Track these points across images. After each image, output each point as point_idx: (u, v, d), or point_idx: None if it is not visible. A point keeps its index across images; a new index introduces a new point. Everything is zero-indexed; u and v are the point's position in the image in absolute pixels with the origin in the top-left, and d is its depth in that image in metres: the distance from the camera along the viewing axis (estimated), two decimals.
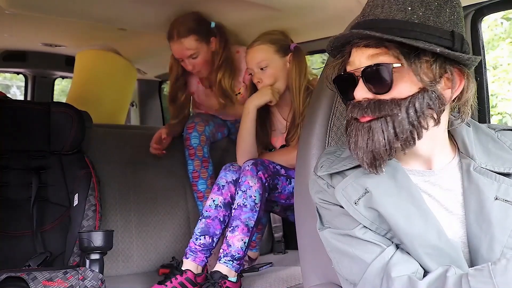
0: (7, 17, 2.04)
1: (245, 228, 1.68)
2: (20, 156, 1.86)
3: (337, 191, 0.86)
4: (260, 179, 1.71)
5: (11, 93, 5.04)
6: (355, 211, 0.83)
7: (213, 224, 1.77)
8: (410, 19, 0.78)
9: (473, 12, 1.52)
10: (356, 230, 0.82)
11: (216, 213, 1.78)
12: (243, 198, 1.70)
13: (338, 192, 0.86)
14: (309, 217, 1.07)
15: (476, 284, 0.67)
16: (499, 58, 4.46)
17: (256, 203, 1.70)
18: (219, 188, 1.81)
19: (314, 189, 0.93)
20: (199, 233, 1.77)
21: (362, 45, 0.81)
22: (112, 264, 1.95)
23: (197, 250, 1.75)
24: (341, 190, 0.85)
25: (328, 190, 0.89)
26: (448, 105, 0.83)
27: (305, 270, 1.17)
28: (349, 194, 0.84)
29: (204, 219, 1.78)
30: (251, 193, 1.70)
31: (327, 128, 1.07)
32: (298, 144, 1.20)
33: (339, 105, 1.07)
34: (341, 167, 0.89)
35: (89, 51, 2.76)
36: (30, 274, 1.36)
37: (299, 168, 1.13)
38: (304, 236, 1.16)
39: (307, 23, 1.96)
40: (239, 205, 1.71)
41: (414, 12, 0.78)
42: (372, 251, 0.80)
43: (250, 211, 1.69)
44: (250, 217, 1.69)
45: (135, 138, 2.27)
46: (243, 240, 1.67)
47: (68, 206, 1.85)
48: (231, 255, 1.66)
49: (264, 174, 1.73)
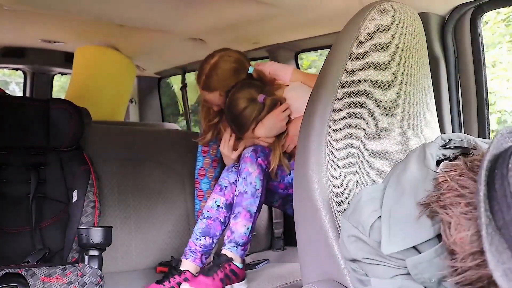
0: (6, 13, 2.03)
1: (247, 214, 1.70)
2: (19, 153, 1.86)
3: (410, 264, 0.72)
4: (259, 165, 1.72)
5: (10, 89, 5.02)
6: (426, 284, 0.72)
7: (214, 225, 1.77)
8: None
9: (472, 9, 1.51)
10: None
11: (217, 214, 1.78)
12: (243, 185, 1.71)
13: (410, 266, 0.72)
14: (308, 214, 1.07)
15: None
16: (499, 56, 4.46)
17: (257, 189, 1.71)
18: (221, 189, 1.81)
19: (361, 250, 0.78)
20: (200, 234, 1.77)
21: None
22: (111, 260, 1.95)
23: (197, 251, 1.76)
24: (416, 264, 0.71)
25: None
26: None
27: (304, 266, 1.17)
28: (426, 272, 0.71)
29: (205, 219, 1.78)
30: (251, 179, 1.71)
31: (326, 124, 1.07)
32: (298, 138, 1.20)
33: (338, 102, 1.08)
34: (413, 239, 0.72)
35: (88, 48, 2.76)
36: (29, 271, 1.36)
37: (298, 164, 1.13)
38: (303, 232, 1.16)
39: (307, 20, 1.95)
40: (240, 192, 1.72)
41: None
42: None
43: (251, 197, 1.70)
44: (251, 203, 1.70)
45: (134, 135, 2.27)
46: (246, 226, 1.69)
47: (67, 203, 1.85)
48: (235, 241, 1.68)
49: (263, 161, 1.74)
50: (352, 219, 0.79)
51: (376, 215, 0.75)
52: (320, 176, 1.04)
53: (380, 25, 1.07)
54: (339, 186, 1.05)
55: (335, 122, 1.07)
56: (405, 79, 1.14)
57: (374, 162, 1.11)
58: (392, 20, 1.09)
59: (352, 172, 1.08)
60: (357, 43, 1.05)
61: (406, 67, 1.14)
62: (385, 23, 1.08)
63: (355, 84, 1.07)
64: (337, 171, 1.06)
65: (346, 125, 1.07)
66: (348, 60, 1.06)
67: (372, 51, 1.07)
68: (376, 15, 1.07)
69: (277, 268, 1.86)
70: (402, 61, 1.13)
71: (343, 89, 1.06)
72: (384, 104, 1.12)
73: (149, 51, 2.79)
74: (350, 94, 1.07)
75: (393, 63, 1.11)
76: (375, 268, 0.77)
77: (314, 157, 1.05)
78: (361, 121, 1.09)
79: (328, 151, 1.05)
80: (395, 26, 1.10)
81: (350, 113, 1.07)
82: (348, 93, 1.07)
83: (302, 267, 1.18)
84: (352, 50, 1.05)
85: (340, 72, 1.06)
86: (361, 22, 1.06)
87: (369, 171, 1.10)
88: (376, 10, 1.07)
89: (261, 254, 2.13)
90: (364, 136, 1.10)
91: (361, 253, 0.77)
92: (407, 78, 1.14)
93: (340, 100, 1.07)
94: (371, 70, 1.08)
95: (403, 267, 0.74)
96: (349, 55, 1.06)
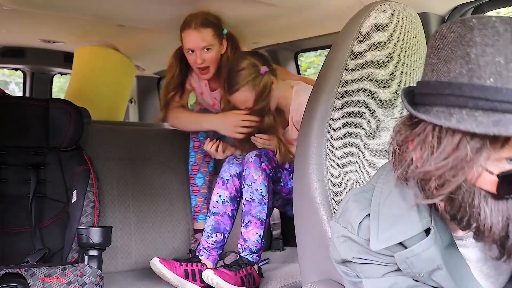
0: (6, 13, 2.03)
1: (258, 222, 1.70)
2: (18, 153, 1.85)
3: (398, 259, 0.73)
4: (264, 171, 1.71)
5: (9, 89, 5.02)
6: (417, 278, 0.73)
7: (223, 220, 1.78)
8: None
9: (472, 9, 1.52)
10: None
11: (224, 208, 1.79)
12: (249, 192, 1.71)
13: (399, 261, 0.73)
14: (308, 214, 1.07)
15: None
16: None
17: (263, 195, 1.71)
18: (223, 183, 1.81)
19: (351, 249, 0.78)
20: (210, 231, 1.77)
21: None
22: (111, 260, 1.95)
23: (210, 248, 1.77)
24: (404, 259, 0.72)
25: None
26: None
27: (304, 267, 1.17)
28: (415, 266, 0.72)
29: (213, 216, 1.79)
30: (256, 186, 1.70)
31: (326, 124, 1.07)
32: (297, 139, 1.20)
33: (338, 101, 1.08)
34: (399, 235, 0.72)
35: (87, 48, 2.75)
36: (28, 270, 1.36)
37: (298, 164, 1.13)
38: (303, 233, 1.16)
39: (307, 20, 1.95)
40: (247, 200, 1.72)
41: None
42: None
43: (259, 204, 1.70)
44: (260, 210, 1.71)
45: (133, 135, 2.27)
46: (258, 233, 1.70)
47: (66, 203, 1.85)
48: (249, 249, 1.70)
49: (267, 165, 1.73)
50: (341, 220, 0.79)
51: (364, 213, 0.76)
52: (320, 176, 1.04)
53: (380, 25, 1.07)
54: (338, 186, 1.05)
55: (334, 122, 1.07)
56: (405, 79, 1.14)
57: (374, 162, 1.11)
58: (392, 20, 1.09)
59: (352, 172, 1.08)
60: (357, 43, 1.05)
61: (406, 67, 1.14)
62: (385, 23, 1.08)
63: (355, 84, 1.07)
64: (337, 171, 1.06)
65: (346, 125, 1.07)
66: (348, 60, 1.06)
67: (372, 51, 1.07)
68: (376, 15, 1.07)
69: (277, 268, 1.86)
70: (402, 61, 1.13)
71: (343, 89, 1.06)
72: (384, 104, 1.12)
73: (149, 51, 2.78)
74: (350, 94, 1.07)
75: (393, 63, 1.11)
76: (365, 267, 0.77)
77: (314, 157, 1.05)
78: (360, 121, 1.09)
79: (327, 151, 1.05)
80: (395, 26, 1.10)
81: (350, 113, 1.07)
82: (348, 93, 1.07)
83: (302, 267, 1.18)
84: (352, 50, 1.05)
85: (340, 72, 1.06)
86: (361, 22, 1.06)
87: (368, 171, 1.10)
88: (376, 10, 1.07)
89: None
90: (363, 136, 1.10)
91: (351, 252, 0.77)
92: (407, 78, 1.14)
93: (339, 100, 1.07)
94: (371, 70, 1.08)
95: (393, 263, 0.74)
96: (348, 55, 1.05)
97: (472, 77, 0.59)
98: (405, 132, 0.69)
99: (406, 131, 0.68)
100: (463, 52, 0.60)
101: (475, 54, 0.59)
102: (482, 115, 0.58)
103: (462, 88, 0.59)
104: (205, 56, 1.95)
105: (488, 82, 0.58)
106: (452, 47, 0.62)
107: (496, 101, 0.57)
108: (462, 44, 0.61)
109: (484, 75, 0.58)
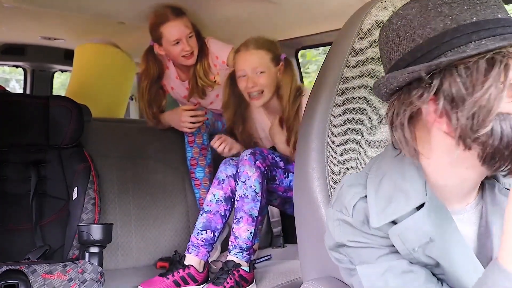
0: (6, 10, 2.03)
1: (250, 219, 1.71)
2: (19, 150, 1.86)
3: (392, 235, 0.75)
4: (258, 168, 1.72)
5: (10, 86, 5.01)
6: (412, 257, 0.75)
7: (215, 219, 1.79)
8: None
9: None
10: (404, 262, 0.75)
11: (217, 207, 1.79)
12: (243, 189, 1.72)
13: (393, 236, 0.74)
14: (309, 211, 1.07)
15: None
16: None
17: (257, 192, 1.71)
18: (219, 183, 1.82)
19: (345, 232, 0.79)
20: (201, 228, 1.78)
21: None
22: (111, 257, 1.96)
23: (199, 245, 1.77)
24: (397, 234, 0.74)
25: (367, 230, 0.77)
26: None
27: (304, 264, 1.17)
28: (408, 240, 0.74)
29: (205, 214, 1.80)
30: (250, 183, 1.71)
31: (326, 122, 1.07)
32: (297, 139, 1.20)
33: (338, 98, 1.07)
34: (395, 211, 0.75)
35: (88, 45, 2.75)
36: (29, 267, 1.36)
37: (298, 161, 1.13)
38: (303, 230, 1.16)
39: (306, 17, 1.95)
40: (240, 196, 1.72)
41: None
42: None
43: (252, 201, 1.71)
44: (252, 207, 1.71)
45: (134, 132, 2.27)
46: (249, 230, 1.70)
47: (67, 200, 1.85)
48: (240, 246, 1.70)
49: (262, 163, 1.74)
50: (335, 205, 0.81)
51: (358, 196, 0.78)
52: (321, 174, 1.04)
53: (381, 22, 1.07)
54: (339, 183, 1.05)
55: (335, 119, 1.07)
56: None
57: None
58: None
59: (353, 169, 1.08)
60: (357, 40, 1.05)
61: None
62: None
63: (356, 81, 1.07)
64: (338, 168, 1.06)
65: (347, 122, 1.07)
66: (349, 57, 1.06)
67: (373, 48, 1.07)
68: (377, 12, 1.06)
69: (278, 265, 1.86)
70: None
71: (344, 86, 1.06)
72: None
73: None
74: (351, 91, 1.07)
75: None
76: (360, 252, 0.78)
77: (315, 154, 1.05)
78: (361, 118, 1.09)
79: (328, 148, 1.05)
80: None
81: (350, 110, 1.07)
82: (349, 90, 1.06)
83: (302, 264, 1.18)
84: (353, 47, 1.05)
85: (340, 69, 1.05)
86: (361, 19, 1.06)
87: None
88: (377, 7, 1.07)
89: (261, 252, 2.13)
90: (364, 133, 1.10)
91: (346, 235, 0.79)
92: None
93: (340, 97, 1.07)
94: (372, 67, 1.08)
95: (386, 245, 0.76)
96: (349, 52, 1.05)
97: (459, 21, 0.67)
98: (422, 93, 0.69)
99: (423, 92, 0.69)
100: (436, 12, 0.68)
101: (448, 9, 0.68)
102: (488, 40, 0.65)
103: (459, 29, 0.66)
104: (191, 43, 2.01)
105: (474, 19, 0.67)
106: (423, 14, 0.69)
107: (490, 29, 0.66)
108: (429, 8, 0.69)
109: (468, 17, 0.67)
